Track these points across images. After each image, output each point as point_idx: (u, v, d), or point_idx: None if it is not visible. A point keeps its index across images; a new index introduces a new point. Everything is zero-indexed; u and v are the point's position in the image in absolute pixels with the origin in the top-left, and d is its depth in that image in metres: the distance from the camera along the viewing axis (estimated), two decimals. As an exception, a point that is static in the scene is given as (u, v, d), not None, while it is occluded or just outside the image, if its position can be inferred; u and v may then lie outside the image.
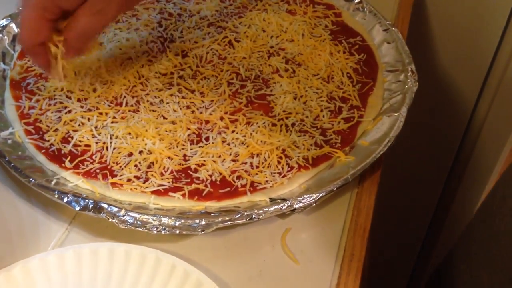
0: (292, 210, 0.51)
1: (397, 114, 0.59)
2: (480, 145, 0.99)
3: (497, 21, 0.84)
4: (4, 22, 0.68)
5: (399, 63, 0.66)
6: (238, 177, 0.54)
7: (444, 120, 1.00)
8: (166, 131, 0.58)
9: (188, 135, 0.58)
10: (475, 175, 1.02)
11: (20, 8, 0.70)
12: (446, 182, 1.09)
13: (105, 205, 0.49)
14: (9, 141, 0.56)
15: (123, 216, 0.49)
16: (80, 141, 0.56)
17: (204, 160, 0.55)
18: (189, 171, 0.55)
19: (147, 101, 0.61)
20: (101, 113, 0.59)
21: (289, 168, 0.55)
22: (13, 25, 0.68)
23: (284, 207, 0.51)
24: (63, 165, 0.54)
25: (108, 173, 0.54)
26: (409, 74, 0.64)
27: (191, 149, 0.56)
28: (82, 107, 0.60)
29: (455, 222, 1.10)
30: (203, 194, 0.53)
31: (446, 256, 0.75)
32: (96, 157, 0.55)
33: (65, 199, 0.50)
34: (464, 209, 1.07)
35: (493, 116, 0.93)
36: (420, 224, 1.18)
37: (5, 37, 0.67)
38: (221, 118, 0.60)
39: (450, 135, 1.02)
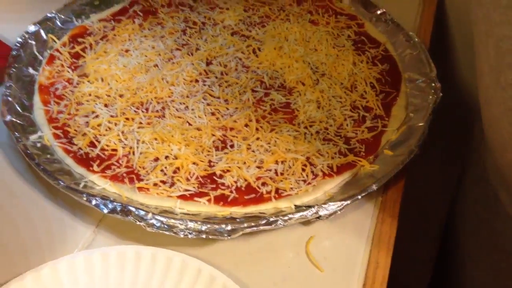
0: (318, 217, 0.51)
1: (421, 124, 0.59)
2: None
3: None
4: (33, 28, 0.70)
5: (422, 73, 0.66)
6: (263, 184, 0.55)
7: (456, 133, 0.99)
8: (192, 137, 0.58)
9: (213, 141, 0.58)
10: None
11: (48, 15, 0.72)
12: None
13: (132, 209, 0.50)
14: (38, 144, 0.57)
15: (151, 219, 0.49)
16: (107, 146, 0.57)
17: (229, 167, 0.56)
18: (214, 177, 0.55)
19: (173, 107, 0.62)
20: (127, 119, 0.60)
21: (313, 176, 0.55)
22: (41, 31, 0.70)
23: (309, 214, 0.51)
24: (91, 168, 0.55)
25: (134, 177, 0.54)
26: (432, 84, 0.64)
27: (216, 155, 0.57)
28: (109, 112, 0.61)
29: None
30: (229, 200, 0.53)
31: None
32: (122, 161, 0.56)
33: (94, 202, 0.51)
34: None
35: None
36: (431, 239, 1.16)
37: (34, 42, 0.68)
38: (246, 125, 0.60)
39: (460, 148, 1.01)
